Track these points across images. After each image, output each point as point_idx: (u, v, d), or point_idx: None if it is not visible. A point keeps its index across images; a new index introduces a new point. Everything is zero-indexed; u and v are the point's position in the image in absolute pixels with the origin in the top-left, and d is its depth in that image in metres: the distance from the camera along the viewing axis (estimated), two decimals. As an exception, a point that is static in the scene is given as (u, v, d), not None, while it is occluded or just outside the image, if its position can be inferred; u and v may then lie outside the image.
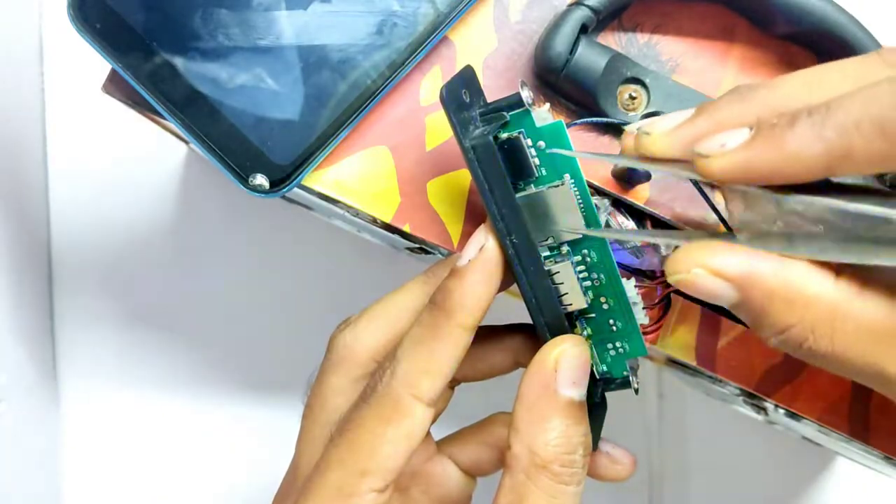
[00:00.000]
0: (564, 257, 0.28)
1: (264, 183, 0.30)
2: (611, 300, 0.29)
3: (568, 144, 0.27)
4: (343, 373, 0.31)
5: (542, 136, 0.28)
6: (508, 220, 0.28)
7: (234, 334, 0.48)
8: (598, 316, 0.29)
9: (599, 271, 0.28)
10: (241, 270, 0.48)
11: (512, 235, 0.28)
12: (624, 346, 0.29)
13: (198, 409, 0.48)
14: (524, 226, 0.28)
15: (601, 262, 0.28)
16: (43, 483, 0.46)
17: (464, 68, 0.28)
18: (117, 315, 0.47)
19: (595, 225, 0.28)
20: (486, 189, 0.28)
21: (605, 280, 0.28)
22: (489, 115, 0.28)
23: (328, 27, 0.30)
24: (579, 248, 0.28)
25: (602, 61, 0.31)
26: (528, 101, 0.27)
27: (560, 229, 0.28)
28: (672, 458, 0.49)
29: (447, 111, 0.27)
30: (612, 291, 0.29)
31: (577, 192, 0.28)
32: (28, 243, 0.45)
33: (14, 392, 0.42)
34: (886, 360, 0.23)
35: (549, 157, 0.28)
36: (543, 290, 0.29)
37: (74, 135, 0.47)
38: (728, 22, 0.32)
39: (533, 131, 0.28)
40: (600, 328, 0.29)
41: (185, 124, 0.30)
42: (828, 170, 0.22)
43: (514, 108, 0.28)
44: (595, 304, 0.29)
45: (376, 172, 0.32)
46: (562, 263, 0.28)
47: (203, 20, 0.30)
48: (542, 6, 0.32)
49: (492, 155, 0.28)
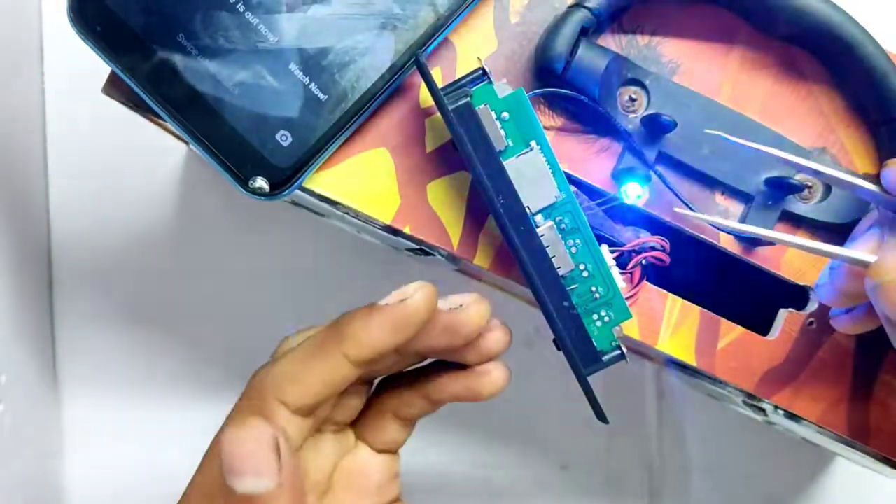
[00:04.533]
0: (545, 221, 0.29)
1: (264, 186, 0.30)
2: (590, 265, 0.29)
3: (531, 111, 0.29)
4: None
5: (505, 107, 0.29)
6: (496, 180, 0.29)
7: (233, 334, 0.48)
8: (579, 286, 0.30)
9: (575, 236, 0.29)
10: (241, 270, 0.48)
11: (500, 196, 0.29)
12: (609, 314, 0.30)
13: (198, 409, 0.48)
14: (511, 185, 0.29)
15: (576, 228, 0.29)
16: (43, 483, 0.46)
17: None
18: (117, 315, 0.47)
19: (566, 189, 0.29)
20: (471, 151, 0.29)
21: (581, 245, 0.29)
22: (453, 92, 0.29)
23: (328, 30, 0.30)
24: (553, 214, 0.29)
25: (602, 63, 0.31)
26: (489, 74, 0.29)
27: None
28: (672, 458, 0.49)
29: (427, 76, 0.28)
30: (591, 256, 0.29)
31: (545, 157, 0.29)
32: (28, 243, 0.45)
33: (14, 392, 0.42)
34: None
35: (513, 126, 0.29)
36: (536, 251, 0.29)
37: (74, 135, 0.47)
38: (728, 24, 0.32)
39: (496, 103, 0.29)
40: (583, 299, 0.30)
41: (185, 127, 0.30)
42: None
43: (475, 83, 0.29)
44: (575, 272, 0.29)
45: (376, 174, 0.32)
46: (545, 225, 0.29)
47: (203, 22, 0.30)
48: (542, 8, 0.32)
49: (473, 117, 0.29)
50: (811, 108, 0.33)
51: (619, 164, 0.32)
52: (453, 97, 0.29)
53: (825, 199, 0.32)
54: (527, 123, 0.29)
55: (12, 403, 0.41)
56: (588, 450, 0.49)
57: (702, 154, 0.32)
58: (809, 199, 0.32)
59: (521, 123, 0.29)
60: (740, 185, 0.32)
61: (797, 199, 0.32)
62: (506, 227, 0.29)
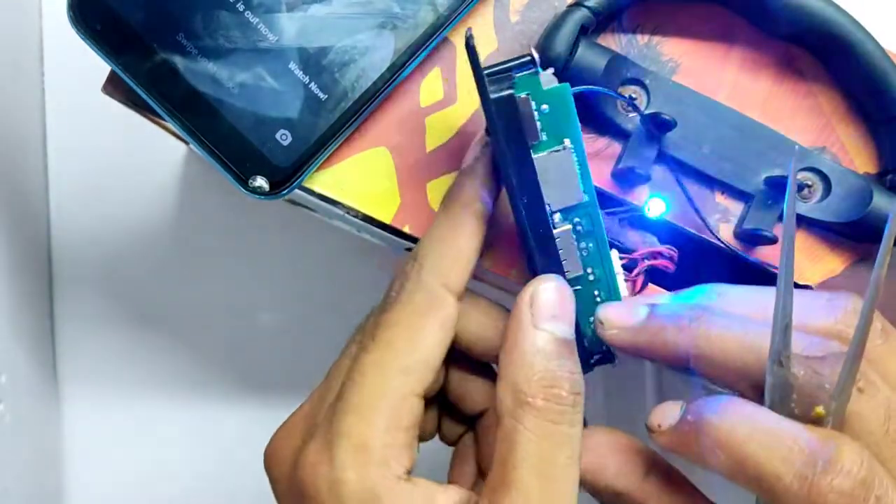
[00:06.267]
0: (563, 222, 0.29)
1: (264, 185, 0.30)
2: (597, 270, 0.29)
3: (572, 108, 0.28)
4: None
5: (546, 99, 0.28)
6: (522, 176, 0.28)
7: (233, 334, 0.48)
8: (583, 288, 0.29)
9: (589, 240, 0.29)
10: (241, 270, 0.48)
11: (524, 192, 0.28)
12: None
13: (198, 409, 0.48)
14: (537, 182, 0.28)
15: (592, 231, 0.29)
16: (43, 483, 0.46)
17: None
18: (117, 315, 0.47)
19: (590, 191, 0.28)
20: (504, 145, 0.27)
21: (593, 249, 0.29)
22: (496, 76, 0.28)
23: (328, 29, 0.30)
24: (571, 215, 0.29)
25: (602, 62, 0.31)
26: (538, 63, 0.28)
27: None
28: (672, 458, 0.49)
29: (474, 57, 0.27)
30: (601, 261, 0.29)
31: (577, 157, 0.28)
32: (28, 243, 0.45)
33: (14, 392, 0.42)
34: None
35: (551, 120, 0.28)
36: (549, 254, 0.29)
37: (74, 135, 0.47)
38: (728, 23, 0.32)
39: (539, 94, 0.28)
40: (584, 300, 0.29)
41: (185, 126, 0.30)
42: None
43: (521, 70, 0.28)
44: (582, 276, 0.29)
45: (376, 174, 0.32)
46: (562, 227, 0.29)
47: (203, 22, 0.30)
48: (542, 7, 0.32)
49: (514, 110, 0.27)
50: (811, 108, 0.33)
51: (619, 163, 0.32)
52: (496, 81, 0.28)
53: (825, 199, 0.32)
54: (565, 120, 0.28)
55: (12, 403, 0.41)
56: (588, 450, 0.49)
57: (702, 153, 0.32)
58: (809, 199, 0.32)
59: (559, 119, 0.28)
60: (740, 185, 0.32)
61: (797, 198, 0.32)
62: (523, 224, 0.28)
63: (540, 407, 0.26)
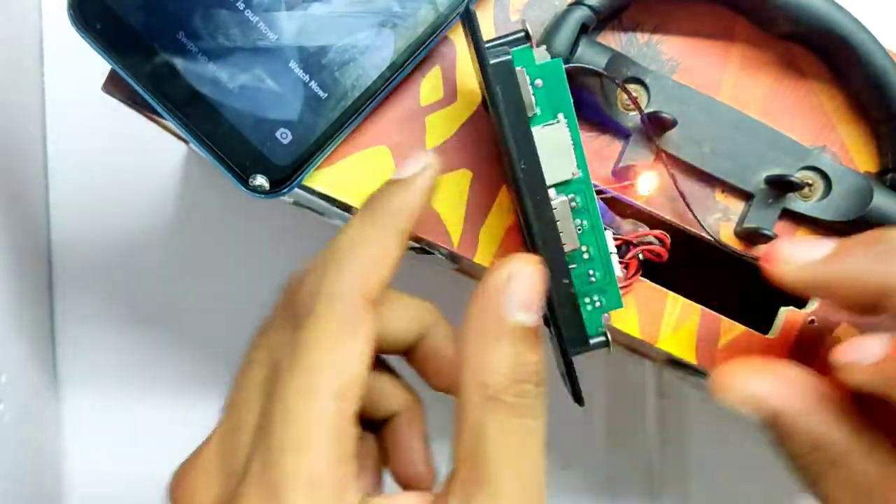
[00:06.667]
0: (560, 194, 0.29)
1: (264, 184, 0.30)
2: (591, 248, 0.29)
3: (565, 83, 0.28)
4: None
5: (540, 74, 0.28)
6: (521, 144, 0.28)
7: (234, 334, 0.48)
8: (578, 266, 0.29)
9: (584, 217, 0.29)
10: (242, 270, 0.48)
11: (522, 161, 0.28)
12: (601, 300, 0.30)
13: (198, 409, 0.48)
14: (535, 152, 0.28)
15: (585, 208, 0.29)
16: (43, 483, 0.46)
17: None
18: (118, 314, 0.47)
19: (584, 167, 0.29)
20: (503, 110, 0.27)
21: (587, 226, 0.29)
22: (492, 49, 0.28)
23: (329, 28, 0.30)
24: (567, 191, 0.29)
25: (602, 61, 0.31)
26: (531, 37, 0.28)
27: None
28: (672, 458, 0.49)
29: (474, 26, 0.27)
30: (594, 238, 0.29)
31: (570, 132, 0.28)
32: (28, 243, 0.45)
33: (14, 391, 0.42)
34: None
35: (545, 94, 0.28)
36: (547, 224, 0.28)
37: (74, 135, 0.47)
38: (728, 21, 0.32)
39: (533, 68, 0.28)
40: (579, 280, 0.29)
41: (185, 125, 0.30)
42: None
43: (516, 45, 0.28)
44: (577, 253, 0.29)
45: (376, 172, 0.32)
46: (559, 199, 0.29)
47: (203, 20, 0.30)
48: (542, 6, 0.32)
49: (511, 76, 0.27)
50: (811, 106, 0.33)
51: (620, 161, 0.32)
52: (493, 53, 0.28)
53: (826, 197, 0.32)
54: (558, 94, 0.28)
55: (12, 403, 0.41)
56: (588, 450, 0.49)
57: (702, 152, 0.32)
58: (810, 198, 0.32)
59: (552, 93, 0.28)
60: (741, 184, 0.32)
61: (798, 197, 0.32)
62: (522, 194, 0.28)
63: (510, 403, 0.25)
